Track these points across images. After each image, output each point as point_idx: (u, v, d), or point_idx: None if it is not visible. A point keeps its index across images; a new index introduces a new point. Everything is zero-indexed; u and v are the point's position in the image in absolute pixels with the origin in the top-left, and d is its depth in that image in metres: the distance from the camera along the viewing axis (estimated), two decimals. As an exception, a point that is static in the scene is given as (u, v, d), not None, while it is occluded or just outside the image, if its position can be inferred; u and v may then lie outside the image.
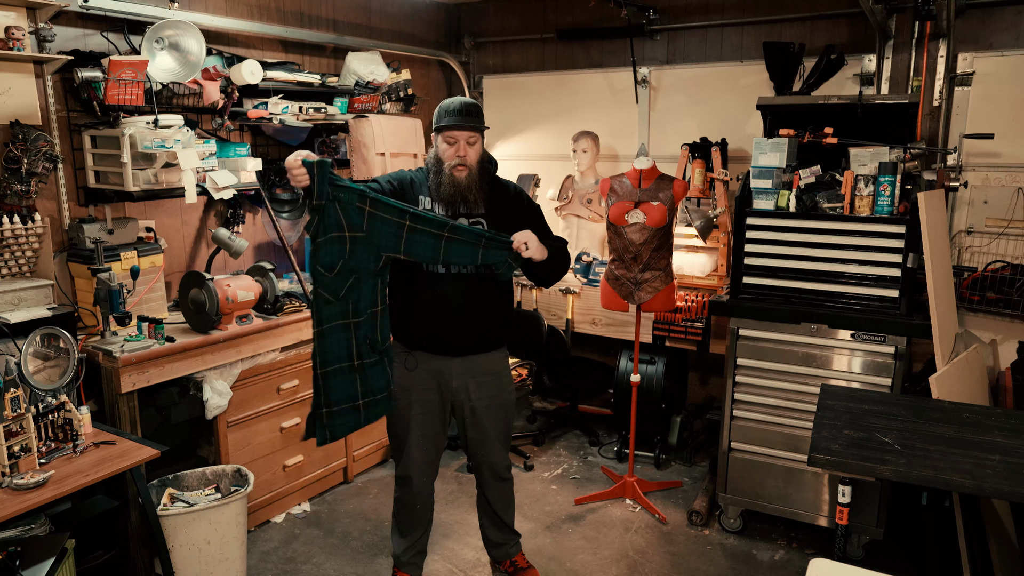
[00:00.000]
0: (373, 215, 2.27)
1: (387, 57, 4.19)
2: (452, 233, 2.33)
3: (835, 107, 3.16)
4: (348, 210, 2.24)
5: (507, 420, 2.73)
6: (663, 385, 3.89)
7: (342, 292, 2.30)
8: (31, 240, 2.79)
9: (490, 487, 2.79)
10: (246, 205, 3.72)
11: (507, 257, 2.40)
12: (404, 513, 2.74)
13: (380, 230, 2.29)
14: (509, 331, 2.72)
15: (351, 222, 2.26)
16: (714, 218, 3.81)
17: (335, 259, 2.27)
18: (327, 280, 2.28)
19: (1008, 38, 3.39)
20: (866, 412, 2.29)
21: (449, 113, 2.47)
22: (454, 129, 2.46)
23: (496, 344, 2.65)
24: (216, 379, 2.98)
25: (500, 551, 2.92)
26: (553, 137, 4.69)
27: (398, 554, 2.79)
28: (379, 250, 2.31)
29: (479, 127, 2.50)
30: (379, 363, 2.41)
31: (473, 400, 2.61)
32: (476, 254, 2.37)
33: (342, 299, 2.30)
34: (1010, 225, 3.40)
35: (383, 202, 2.28)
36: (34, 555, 2.15)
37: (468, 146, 2.47)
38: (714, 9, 4.12)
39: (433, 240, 2.32)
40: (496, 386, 2.65)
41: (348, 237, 2.27)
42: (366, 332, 2.36)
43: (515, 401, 2.78)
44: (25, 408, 2.18)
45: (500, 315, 2.63)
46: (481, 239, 2.36)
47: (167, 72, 3.07)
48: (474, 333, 2.56)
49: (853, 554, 3.08)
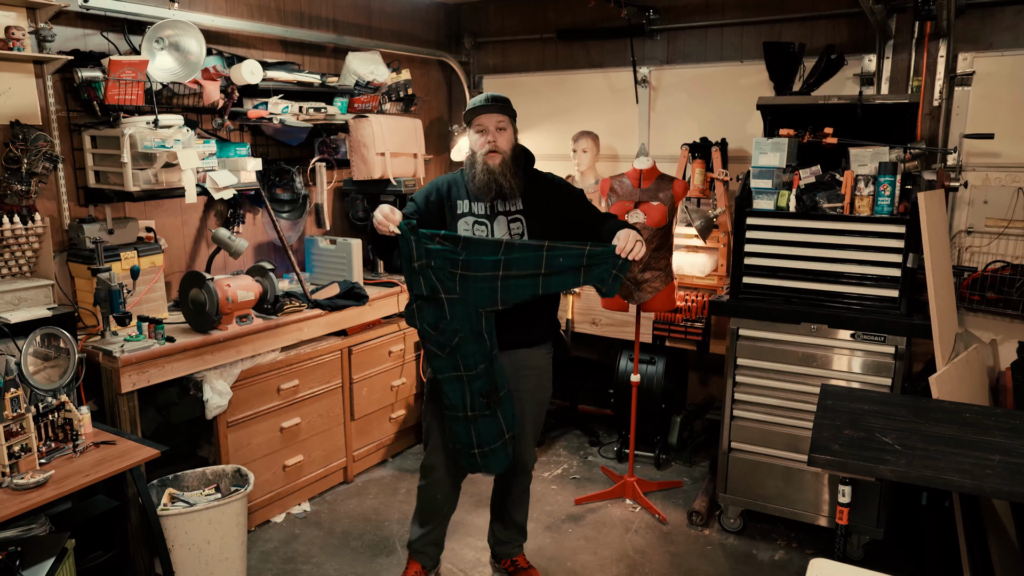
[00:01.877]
0: (465, 277, 2.30)
1: (387, 57, 4.19)
2: (550, 266, 2.29)
3: (835, 107, 3.16)
4: (440, 275, 2.29)
5: (541, 416, 2.77)
6: (663, 385, 3.89)
7: (448, 348, 2.35)
8: (31, 240, 2.79)
9: (513, 482, 2.80)
10: (246, 205, 3.72)
11: (612, 269, 2.30)
12: (424, 502, 2.77)
13: (474, 289, 2.32)
14: (554, 329, 2.72)
15: (445, 286, 2.30)
16: (714, 218, 3.80)
17: (436, 319, 2.33)
18: (432, 336, 2.35)
19: (1008, 38, 3.39)
20: (866, 412, 2.29)
21: (476, 103, 2.50)
22: (481, 113, 2.47)
23: (540, 340, 2.65)
24: (216, 379, 2.98)
25: (502, 548, 2.92)
26: (553, 137, 4.69)
27: (412, 541, 2.83)
28: (477, 307, 2.34)
29: (507, 111, 2.50)
30: (491, 416, 2.45)
31: (516, 392, 2.60)
32: (578, 279, 2.33)
33: (449, 354, 2.36)
34: (1010, 225, 3.40)
35: (475, 261, 2.29)
36: (34, 555, 2.15)
37: (498, 132, 2.48)
38: (714, 9, 4.12)
39: (531, 280, 2.31)
40: (537, 381, 2.66)
41: (445, 300, 2.32)
42: (480, 386, 2.40)
43: (550, 398, 2.80)
44: (25, 408, 2.18)
45: (547, 311, 2.64)
46: (582, 259, 2.29)
47: (167, 72, 3.07)
48: (520, 328, 2.55)
49: (853, 554, 3.08)
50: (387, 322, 3.81)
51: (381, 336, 3.76)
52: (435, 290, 2.31)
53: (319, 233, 4.09)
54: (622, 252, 2.28)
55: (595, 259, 2.30)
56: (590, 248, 2.31)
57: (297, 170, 3.83)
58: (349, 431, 3.68)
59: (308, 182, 3.98)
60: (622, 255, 2.28)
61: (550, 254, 2.30)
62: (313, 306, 3.42)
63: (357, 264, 3.75)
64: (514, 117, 2.56)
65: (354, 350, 3.61)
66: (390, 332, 3.82)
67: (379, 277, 3.99)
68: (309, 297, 3.45)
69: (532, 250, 2.31)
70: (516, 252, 2.31)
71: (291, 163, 3.84)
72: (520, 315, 2.51)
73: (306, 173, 3.96)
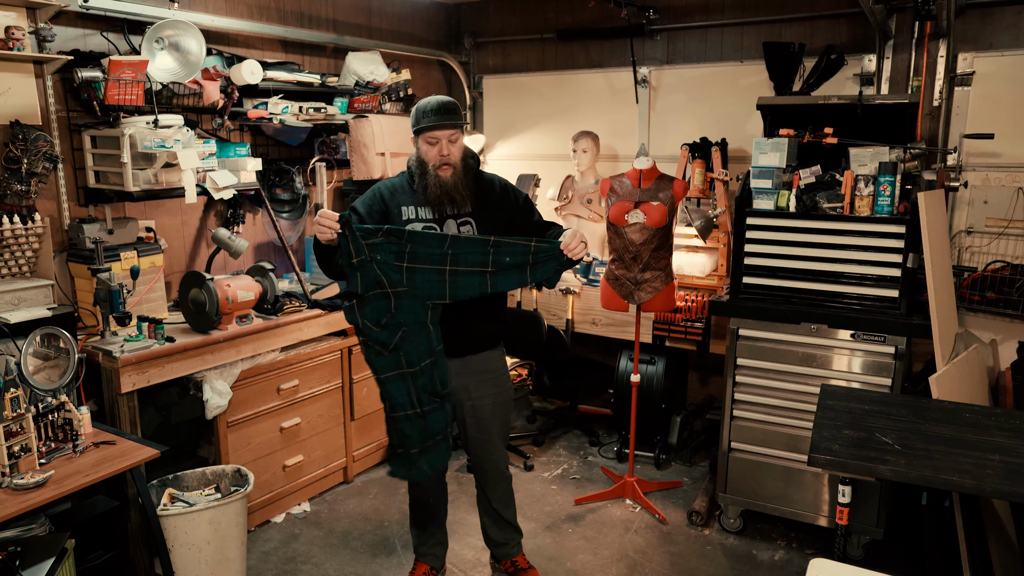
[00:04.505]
0: (412, 269, 2.28)
1: (387, 57, 4.19)
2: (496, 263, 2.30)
3: (835, 107, 3.16)
4: (385, 268, 2.26)
5: (506, 418, 2.76)
6: (663, 385, 3.89)
7: (391, 344, 2.32)
8: (31, 240, 2.79)
9: (491, 485, 2.80)
10: (246, 205, 3.72)
11: (556, 265, 2.35)
12: (417, 508, 2.81)
13: (421, 281, 2.30)
14: (505, 329, 2.72)
15: (391, 279, 2.27)
16: (714, 218, 3.80)
17: (381, 314, 2.29)
18: (374, 333, 2.32)
19: (1008, 38, 3.39)
20: (866, 412, 2.29)
21: (427, 113, 2.45)
22: (435, 129, 2.44)
23: (492, 343, 2.66)
24: (216, 379, 2.98)
25: (501, 550, 2.92)
26: (553, 137, 4.69)
27: (416, 545, 2.87)
28: (425, 299, 2.32)
29: (459, 124, 2.48)
30: (440, 408, 2.43)
31: (473, 399, 2.64)
32: (524, 278, 2.34)
33: (392, 351, 2.33)
34: (1010, 225, 3.40)
35: (421, 253, 2.27)
36: (34, 555, 2.15)
37: (450, 144, 2.45)
38: (714, 9, 4.12)
39: (478, 277, 2.31)
40: (494, 384, 2.67)
41: (391, 293, 2.29)
42: (424, 382, 2.38)
43: (513, 399, 2.80)
44: (25, 408, 2.18)
45: (495, 314, 2.64)
46: (527, 257, 2.32)
47: (167, 72, 3.07)
48: (469, 334, 2.57)
49: (853, 554, 3.08)
50: (387, 322, 3.81)
51: (381, 336, 3.76)
52: (380, 284, 2.27)
53: (319, 233, 4.08)
54: (566, 249, 2.33)
55: (540, 255, 2.33)
56: (535, 245, 2.33)
57: (297, 170, 3.83)
58: (349, 431, 3.68)
59: (308, 182, 3.98)
60: (566, 252, 2.33)
61: (496, 250, 2.30)
62: (313, 306, 3.42)
63: (357, 264, 3.75)
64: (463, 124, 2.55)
65: (354, 350, 3.61)
66: (390, 332, 3.82)
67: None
68: (309, 297, 3.45)
69: (478, 245, 2.30)
70: (462, 246, 2.30)
71: (291, 163, 3.84)
72: (468, 319, 2.52)
73: (306, 173, 3.96)
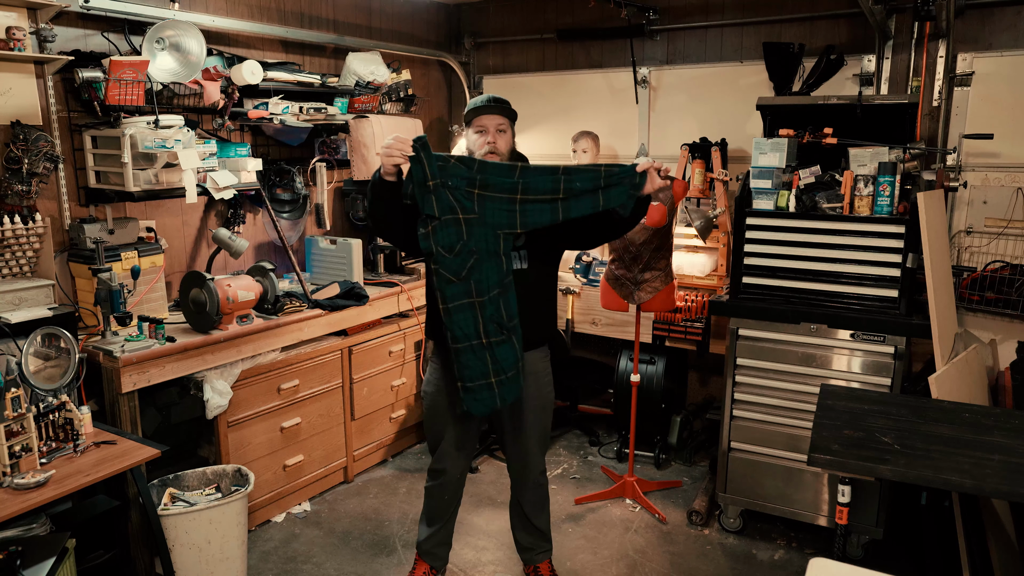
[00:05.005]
0: (483, 196, 2.26)
1: (387, 57, 4.19)
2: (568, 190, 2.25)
3: (835, 107, 3.17)
4: (458, 194, 2.24)
5: (545, 422, 2.70)
6: (663, 385, 3.89)
7: (463, 272, 2.30)
8: (32, 240, 2.80)
9: (523, 490, 2.76)
10: (246, 205, 3.72)
11: (629, 188, 2.27)
12: (433, 503, 2.77)
13: (492, 209, 2.28)
14: (551, 329, 2.68)
15: (463, 205, 2.25)
16: (714, 218, 3.81)
17: (453, 241, 2.27)
18: (447, 260, 2.28)
19: (1008, 38, 3.39)
20: (866, 412, 2.29)
21: (477, 103, 2.50)
22: (482, 114, 2.47)
23: (534, 343, 2.59)
24: (216, 379, 2.99)
25: (526, 555, 2.89)
26: (553, 137, 4.69)
27: (421, 542, 2.82)
28: (495, 229, 2.29)
29: (507, 112, 2.51)
30: (507, 341, 2.37)
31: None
32: (596, 202, 2.28)
33: (463, 279, 2.30)
34: (1009, 225, 3.40)
35: (492, 182, 2.25)
36: (35, 555, 2.16)
37: (498, 133, 2.48)
38: (714, 9, 4.13)
39: (549, 204, 2.27)
40: (534, 386, 2.61)
41: (463, 220, 2.26)
42: (491, 312, 2.34)
43: (553, 402, 2.74)
44: (26, 408, 2.19)
45: (540, 313, 2.59)
46: (599, 181, 2.26)
47: (168, 72, 3.07)
48: None
49: (853, 554, 3.09)
50: (387, 322, 3.82)
51: (381, 336, 3.76)
52: (453, 210, 2.25)
53: (319, 233, 4.09)
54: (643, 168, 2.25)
55: (612, 179, 2.27)
56: (606, 169, 2.28)
57: (297, 170, 3.83)
58: (349, 431, 3.68)
59: (308, 182, 3.99)
60: (642, 171, 2.25)
61: (567, 178, 2.27)
62: (313, 306, 3.42)
63: (357, 264, 3.76)
64: (514, 120, 2.56)
65: (354, 350, 3.62)
66: (390, 332, 3.82)
67: (379, 277, 3.99)
68: (309, 297, 3.45)
69: (548, 173, 2.27)
70: (532, 176, 2.28)
71: (291, 163, 3.84)
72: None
73: (306, 173, 3.96)
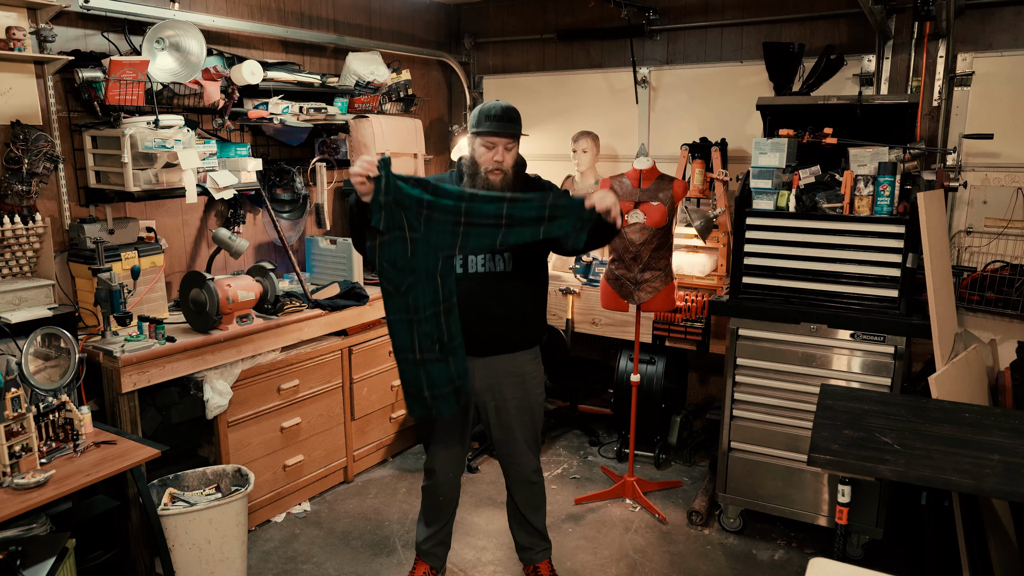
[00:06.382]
0: (430, 218, 2.28)
1: (387, 57, 4.19)
2: (510, 217, 2.27)
3: (835, 107, 3.16)
4: (409, 214, 2.27)
5: (534, 423, 2.70)
6: (663, 385, 3.89)
7: (403, 288, 2.33)
8: (32, 240, 2.80)
9: (517, 489, 2.77)
10: (246, 205, 3.72)
11: (577, 221, 2.28)
12: (428, 503, 2.78)
13: (436, 231, 2.30)
14: (539, 330, 2.67)
15: (411, 224, 2.28)
16: (714, 218, 3.81)
17: (396, 256, 2.30)
18: (389, 273, 2.33)
19: (1008, 38, 3.39)
20: (866, 412, 2.29)
21: (490, 118, 2.45)
22: (494, 135, 2.44)
23: (522, 345, 2.60)
24: (216, 379, 2.99)
25: (525, 554, 2.89)
26: (553, 137, 4.69)
27: (419, 542, 2.83)
28: (436, 250, 2.32)
29: (519, 135, 2.48)
30: (442, 360, 2.40)
31: (497, 401, 2.60)
32: (537, 232, 2.29)
33: (402, 294, 2.34)
34: (1009, 225, 3.40)
35: (439, 204, 2.27)
36: (35, 555, 2.16)
37: (506, 151, 2.46)
38: (714, 9, 4.13)
39: (491, 229, 2.29)
40: (521, 388, 2.61)
41: (408, 238, 2.29)
42: (427, 330, 2.37)
43: (543, 403, 2.73)
44: (26, 408, 2.19)
45: (527, 313, 2.58)
46: (543, 211, 2.27)
47: (168, 72, 3.07)
48: (496, 334, 2.53)
49: (853, 554, 3.09)
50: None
51: (381, 336, 3.76)
52: (400, 227, 2.28)
53: (319, 233, 4.09)
54: (589, 201, 2.24)
55: (557, 211, 2.28)
56: (552, 200, 2.29)
57: (297, 170, 3.83)
58: (349, 431, 3.68)
59: (308, 182, 3.99)
60: (588, 204, 2.24)
61: (510, 205, 2.28)
62: (313, 306, 3.42)
63: (357, 264, 3.76)
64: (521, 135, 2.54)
65: (354, 350, 3.62)
66: (390, 332, 3.82)
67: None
68: (309, 297, 3.45)
69: (494, 201, 2.30)
70: (478, 202, 2.30)
71: (291, 163, 3.84)
72: (496, 320, 2.49)
73: (306, 173, 3.96)
